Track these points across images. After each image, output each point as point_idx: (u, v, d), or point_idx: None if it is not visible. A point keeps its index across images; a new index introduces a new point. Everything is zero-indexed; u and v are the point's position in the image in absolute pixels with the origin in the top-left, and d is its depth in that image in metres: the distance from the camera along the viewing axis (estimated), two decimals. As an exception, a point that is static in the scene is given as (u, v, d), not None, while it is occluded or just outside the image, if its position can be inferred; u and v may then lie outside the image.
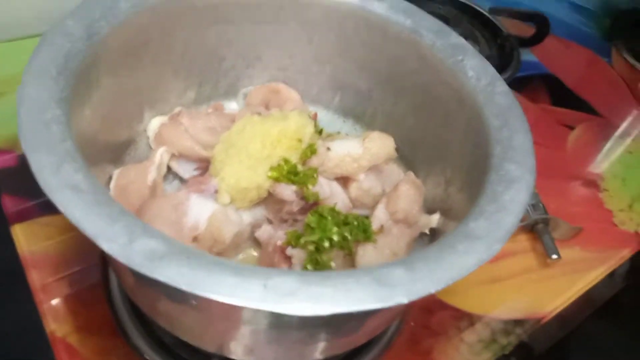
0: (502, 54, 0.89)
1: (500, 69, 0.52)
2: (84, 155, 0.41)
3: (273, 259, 0.50)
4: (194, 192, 0.49)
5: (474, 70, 0.53)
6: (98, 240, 0.33)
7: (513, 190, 0.42)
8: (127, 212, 0.35)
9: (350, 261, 0.51)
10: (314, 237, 0.48)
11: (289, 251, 0.49)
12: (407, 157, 0.62)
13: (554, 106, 0.96)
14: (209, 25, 0.59)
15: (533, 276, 0.71)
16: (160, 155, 0.56)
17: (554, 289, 0.70)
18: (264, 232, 0.53)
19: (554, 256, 0.70)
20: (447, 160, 0.56)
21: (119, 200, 0.53)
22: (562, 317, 0.69)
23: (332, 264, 0.49)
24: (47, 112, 0.39)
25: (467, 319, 0.66)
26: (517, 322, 0.66)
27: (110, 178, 0.55)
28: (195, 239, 0.48)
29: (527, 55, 1.02)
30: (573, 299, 0.70)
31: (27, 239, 0.62)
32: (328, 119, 0.69)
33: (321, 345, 0.45)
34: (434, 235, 0.57)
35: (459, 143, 0.53)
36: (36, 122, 0.39)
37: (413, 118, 0.61)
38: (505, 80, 0.52)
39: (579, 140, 0.91)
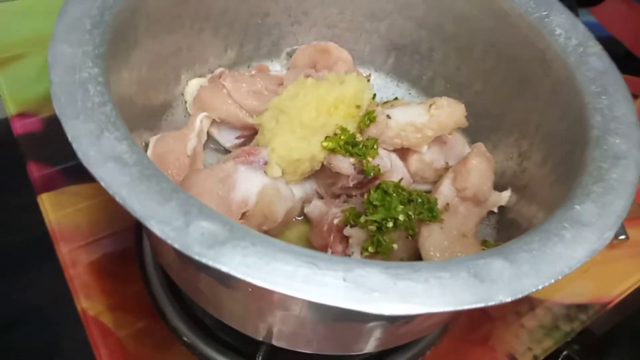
0: None
1: None
2: (129, 116, 0.36)
3: (328, 239, 0.45)
4: (242, 164, 0.44)
5: (562, 27, 0.46)
6: (149, 222, 0.28)
7: (620, 168, 0.36)
8: (181, 190, 0.30)
9: (412, 243, 0.46)
10: (377, 217, 0.42)
11: (347, 231, 0.44)
12: (470, 126, 0.56)
13: None
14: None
15: (598, 258, 0.63)
16: (201, 121, 0.50)
17: (620, 271, 0.64)
18: (315, 207, 0.48)
19: (622, 237, 0.64)
20: (523, 131, 0.50)
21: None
22: (625, 302, 0.64)
23: (395, 245, 0.43)
24: (83, 71, 0.34)
25: (527, 304, 0.61)
26: (581, 307, 0.61)
27: (146, 146, 0.50)
28: (243, 216, 0.43)
29: (586, 16, 0.94)
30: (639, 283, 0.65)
31: (54, 209, 0.57)
32: (380, 82, 0.62)
33: (387, 336, 0.40)
34: (503, 214, 0.51)
35: (540, 112, 0.47)
36: (71, 82, 0.33)
37: (481, 83, 0.54)
38: None
39: None
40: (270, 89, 0.51)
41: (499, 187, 0.52)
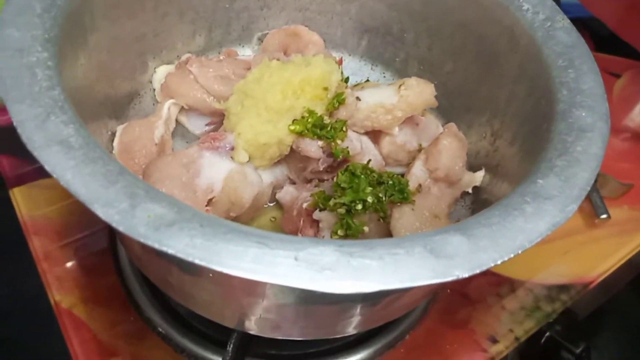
0: None
1: None
2: (79, 109, 0.35)
3: (298, 224, 0.44)
4: (207, 150, 0.43)
5: (530, 3, 0.45)
6: (93, 205, 0.27)
7: (585, 141, 0.35)
8: (127, 172, 0.29)
9: (384, 225, 0.45)
10: (346, 199, 0.42)
11: (317, 215, 0.43)
12: (444, 107, 0.55)
13: (597, 52, 0.87)
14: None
15: (579, 238, 0.65)
16: (168, 108, 0.50)
17: (601, 251, 0.63)
18: (286, 193, 0.47)
19: (603, 216, 0.64)
20: (494, 109, 0.49)
21: (123, 160, 0.48)
22: (608, 282, 0.63)
23: (365, 228, 0.43)
24: (31, 55, 0.33)
25: (508, 285, 0.60)
26: (562, 288, 0.60)
27: (113, 135, 0.49)
28: (209, 203, 0.42)
29: None
30: (622, 262, 0.63)
31: (26, 203, 0.57)
32: (354, 65, 0.61)
33: (355, 320, 0.39)
34: (477, 194, 0.51)
35: (509, 89, 0.46)
36: (18, 66, 0.32)
37: (452, 63, 0.53)
38: None
39: (626, 90, 0.82)
40: (238, 73, 0.50)
41: (474, 167, 0.51)
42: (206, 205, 0.42)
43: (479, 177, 0.50)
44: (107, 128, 0.49)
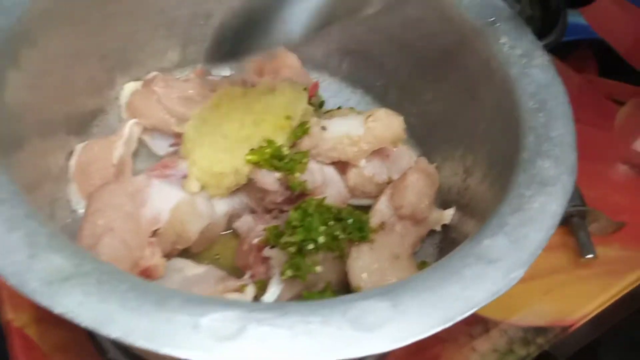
0: (546, 14, 0.74)
1: (543, 32, 0.41)
2: (24, 128, 0.34)
3: (247, 259, 0.42)
4: (157, 178, 0.41)
5: (508, 35, 0.42)
6: (-13, 254, 0.25)
7: (545, 196, 0.33)
8: (35, 216, 0.27)
9: (341, 264, 0.43)
10: (296, 238, 0.39)
11: (267, 252, 0.41)
12: (422, 137, 0.52)
13: (602, 77, 0.82)
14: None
15: (562, 277, 0.59)
16: (130, 128, 0.48)
17: (585, 292, 0.59)
18: (243, 224, 0.45)
19: (589, 255, 0.58)
20: (469, 144, 0.46)
21: (79, 181, 0.47)
22: (593, 324, 0.59)
23: (318, 268, 0.40)
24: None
25: (482, 325, 0.56)
26: (539, 330, 0.56)
27: (71, 153, 0.47)
28: (154, 234, 0.40)
29: (575, 17, 0.87)
30: (606, 305, 0.58)
31: None
32: (334, 87, 0.59)
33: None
34: (446, 233, 0.48)
35: (485, 125, 0.43)
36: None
37: (431, 92, 0.51)
38: (547, 45, 0.42)
39: (630, 118, 0.76)
40: (204, 94, 0.49)
41: (445, 204, 0.48)
42: (151, 237, 0.40)
43: (448, 215, 0.47)
44: (66, 145, 0.47)
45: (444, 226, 0.47)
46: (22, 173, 0.37)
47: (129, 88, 0.52)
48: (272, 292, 0.38)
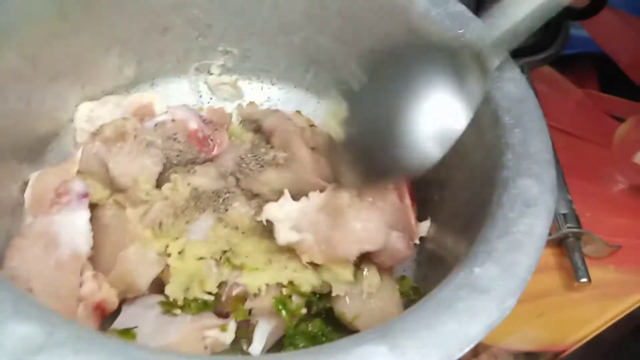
0: (546, 26, 0.72)
1: (544, 44, 0.40)
2: None
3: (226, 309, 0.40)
4: (56, 212, 0.38)
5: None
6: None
7: (529, 217, 0.32)
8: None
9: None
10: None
11: (249, 304, 0.39)
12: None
13: (603, 92, 0.77)
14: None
15: (555, 300, 0.58)
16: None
17: (579, 317, 0.57)
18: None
19: (583, 279, 0.56)
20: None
21: (35, 213, 0.44)
22: (586, 349, 0.56)
23: (304, 310, 0.40)
24: None
25: (471, 349, 0.56)
26: (530, 355, 0.54)
27: (26, 184, 0.44)
28: (94, 277, 0.37)
29: (577, 30, 0.80)
30: (600, 330, 0.57)
31: None
32: (300, 97, 0.57)
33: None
34: (423, 244, 0.47)
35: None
36: None
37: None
38: (547, 58, 0.41)
39: (629, 136, 0.71)
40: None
41: (420, 216, 0.48)
42: (92, 280, 0.37)
43: (425, 227, 0.46)
44: (17, 176, 0.44)
45: (421, 238, 0.47)
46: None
47: (83, 108, 0.49)
48: (259, 341, 0.37)
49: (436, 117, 0.36)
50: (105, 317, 0.38)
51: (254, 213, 0.42)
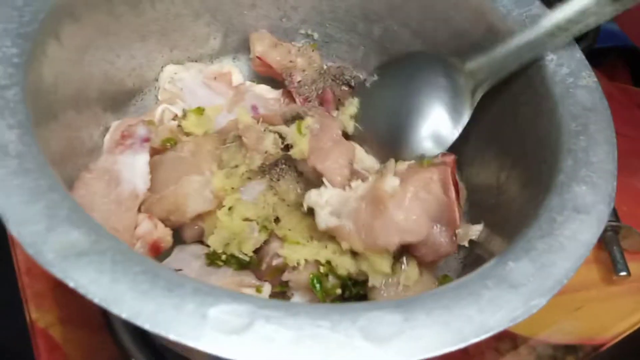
0: None
1: (575, 39, 0.40)
2: (62, 98, 0.34)
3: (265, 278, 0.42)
4: (120, 152, 0.41)
5: (556, 52, 0.41)
6: (7, 222, 0.25)
7: (577, 224, 0.31)
8: (58, 188, 0.28)
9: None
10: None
11: (286, 276, 0.40)
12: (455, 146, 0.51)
13: (637, 87, 0.79)
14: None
15: (594, 293, 0.58)
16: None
17: (618, 310, 0.57)
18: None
19: (623, 273, 0.57)
20: (503, 160, 0.45)
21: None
22: (626, 345, 0.56)
23: (338, 290, 0.40)
24: (-4, 50, 0.32)
25: (510, 341, 0.55)
26: (569, 348, 0.54)
27: (107, 129, 0.48)
28: (149, 206, 0.40)
29: (608, 24, 0.84)
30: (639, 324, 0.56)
31: None
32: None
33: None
34: (472, 248, 0.46)
35: (522, 142, 0.42)
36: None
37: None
38: None
39: None
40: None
41: (474, 219, 0.47)
42: (144, 212, 0.40)
43: (476, 230, 0.45)
44: (100, 122, 0.48)
45: (471, 242, 0.46)
46: (54, 144, 0.37)
47: (169, 70, 0.53)
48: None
49: (433, 125, 0.44)
50: (159, 254, 0.41)
51: (300, 191, 0.43)
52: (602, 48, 0.79)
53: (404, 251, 0.41)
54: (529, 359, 0.55)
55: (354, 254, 0.40)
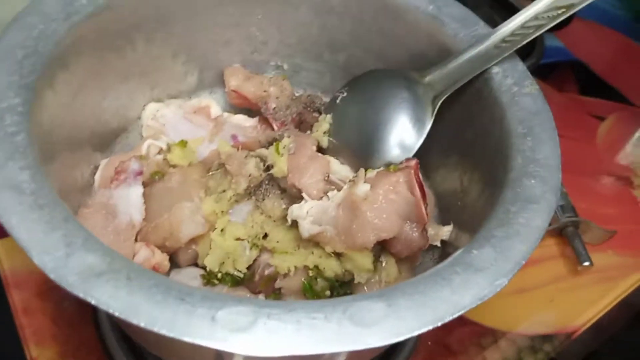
0: None
1: (523, 56, 0.45)
2: (58, 146, 0.37)
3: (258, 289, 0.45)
4: (115, 187, 0.44)
5: (501, 66, 0.46)
6: (31, 252, 0.29)
7: (530, 212, 0.36)
8: (71, 219, 0.31)
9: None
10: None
11: (279, 283, 0.44)
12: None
13: (582, 95, 0.87)
14: (212, 6, 0.54)
15: (562, 285, 0.64)
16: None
17: (585, 299, 0.63)
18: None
19: (586, 263, 0.63)
20: (465, 165, 0.50)
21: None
22: (595, 330, 0.62)
23: (328, 292, 0.44)
24: (2, 102, 0.35)
25: (490, 336, 0.59)
26: (546, 338, 0.60)
27: (96, 168, 0.51)
28: (145, 235, 0.43)
29: (552, 41, 0.91)
30: (607, 309, 0.63)
31: (8, 255, 0.56)
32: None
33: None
34: (445, 248, 0.51)
35: (481, 147, 0.47)
36: (-11, 112, 0.35)
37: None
38: (528, 68, 0.45)
39: (610, 132, 0.82)
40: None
41: (444, 221, 0.51)
42: (141, 240, 0.43)
43: (447, 231, 0.50)
44: (91, 161, 0.51)
45: (443, 242, 0.50)
46: (54, 183, 0.40)
47: (150, 109, 0.56)
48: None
49: (399, 134, 0.49)
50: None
51: (284, 206, 0.47)
52: (549, 63, 0.87)
53: (382, 250, 0.45)
54: (510, 351, 0.59)
55: (338, 256, 0.44)
